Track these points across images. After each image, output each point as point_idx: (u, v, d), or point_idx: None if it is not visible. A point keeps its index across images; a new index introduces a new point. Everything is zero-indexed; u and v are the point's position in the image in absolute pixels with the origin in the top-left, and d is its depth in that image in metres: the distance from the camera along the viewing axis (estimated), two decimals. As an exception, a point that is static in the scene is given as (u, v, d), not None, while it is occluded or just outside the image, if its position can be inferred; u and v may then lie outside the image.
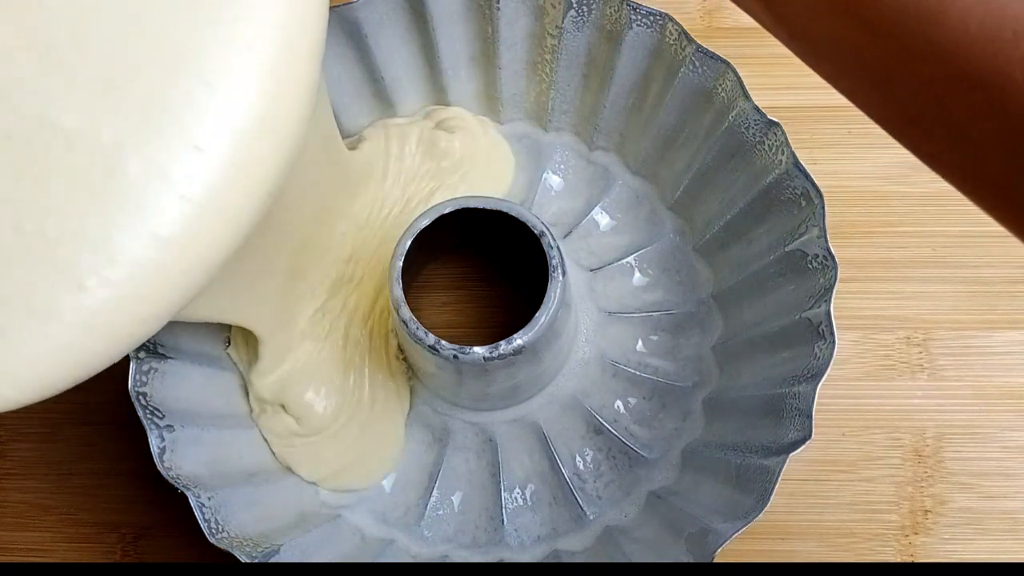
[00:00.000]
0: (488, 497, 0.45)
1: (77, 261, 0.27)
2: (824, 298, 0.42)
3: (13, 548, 0.46)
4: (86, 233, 0.27)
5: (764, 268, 0.45)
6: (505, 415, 0.45)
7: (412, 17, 0.46)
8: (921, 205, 0.48)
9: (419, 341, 0.41)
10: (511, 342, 0.41)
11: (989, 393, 0.46)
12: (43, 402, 0.47)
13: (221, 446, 0.43)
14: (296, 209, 0.40)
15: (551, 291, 0.41)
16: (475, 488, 0.45)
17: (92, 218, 0.27)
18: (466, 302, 0.48)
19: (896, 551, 0.45)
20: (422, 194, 0.46)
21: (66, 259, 0.27)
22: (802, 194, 0.43)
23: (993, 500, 0.45)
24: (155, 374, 0.42)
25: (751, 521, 0.38)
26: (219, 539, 0.39)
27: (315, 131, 0.32)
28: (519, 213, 0.42)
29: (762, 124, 0.44)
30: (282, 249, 0.40)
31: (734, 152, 0.45)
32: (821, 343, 0.41)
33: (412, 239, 0.42)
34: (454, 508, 0.45)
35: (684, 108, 0.46)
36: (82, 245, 0.27)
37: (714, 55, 0.44)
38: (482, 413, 0.45)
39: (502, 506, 0.45)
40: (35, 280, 0.27)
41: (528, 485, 0.45)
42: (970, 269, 0.47)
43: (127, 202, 0.27)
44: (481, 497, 0.45)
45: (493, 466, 0.45)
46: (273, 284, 0.41)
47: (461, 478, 0.45)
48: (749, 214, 0.45)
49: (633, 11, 0.45)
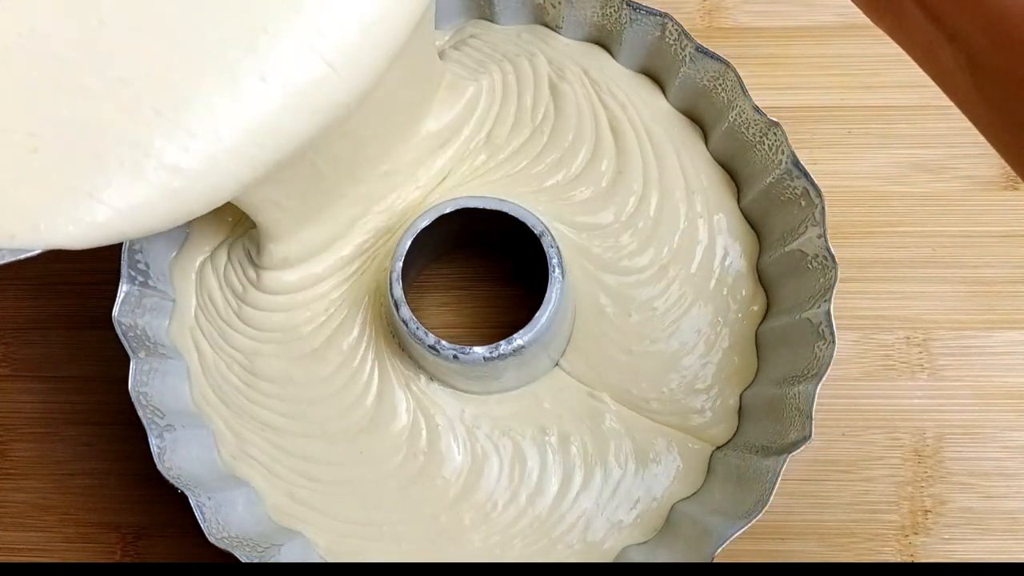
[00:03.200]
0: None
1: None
2: (824, 298, 0.42)
3: (13, 548, 0.46)
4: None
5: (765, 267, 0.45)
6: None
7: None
8: (921, 205, 0.48)
9: (419, 341, 0.41)
10: (511, 342, 0.41)
11: (989, 393, 0.46)
12: (43, 402, 0.47)
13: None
14: (379, 107, 0.40)
15: (551, 291, 0.41)
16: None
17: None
18: (466, 302, 0.48)
19: (896, 551, 0.45)
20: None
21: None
22: (802, 194, 0.43)
23: (993, 500, 0.45)
24: (155, 374, 0.42)
25: (751, 521, 0.38)
26: (219, 539, 0.39)
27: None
28: (519, 213, 0.42)
29: (762, 124, 0.44)
30: (357, 156, 0.41)
31: (734, 152, 0.45)
32: (821, 343, 0.41)
33: (412, 239, 0.42)
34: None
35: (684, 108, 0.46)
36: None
37: (714, 55, 0.44)
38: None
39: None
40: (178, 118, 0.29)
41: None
42: (970, 269, 0.47)
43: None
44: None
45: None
46: (328, 188, 0.41)
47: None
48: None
49: (633, 10, 0.45)
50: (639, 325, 0.44)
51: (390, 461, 0.43)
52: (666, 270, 0.44)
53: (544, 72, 0.46)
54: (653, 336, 0.44)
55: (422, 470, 0.43)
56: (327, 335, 0.44)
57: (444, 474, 0.43)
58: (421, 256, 0.44)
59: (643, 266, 0.44)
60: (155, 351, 0.43)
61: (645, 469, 0.43)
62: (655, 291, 0.44)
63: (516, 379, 0.44)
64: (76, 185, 0.28)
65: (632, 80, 0.47)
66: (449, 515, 0.43)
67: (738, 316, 0.44)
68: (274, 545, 0.41)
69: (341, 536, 0.43)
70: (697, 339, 0.44)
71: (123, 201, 0.29)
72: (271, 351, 0.44)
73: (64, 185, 0.28)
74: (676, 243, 0.45)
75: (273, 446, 0.43)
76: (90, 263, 0.48)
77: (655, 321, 0.44)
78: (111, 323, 0.41)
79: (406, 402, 0.44)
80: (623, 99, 0.46)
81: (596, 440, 0.43)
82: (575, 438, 0.43)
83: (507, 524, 0.43)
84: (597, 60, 0.47)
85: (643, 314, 0.44)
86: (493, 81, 0.45)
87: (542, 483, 0.43)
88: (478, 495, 0.43)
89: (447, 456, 0.43)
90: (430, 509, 0.43)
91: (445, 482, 0.43)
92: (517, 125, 0.45)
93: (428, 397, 0.44)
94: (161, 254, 0.45)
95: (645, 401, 0.43)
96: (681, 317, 0.44)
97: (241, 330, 0.44)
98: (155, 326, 0.44)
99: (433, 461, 0.43)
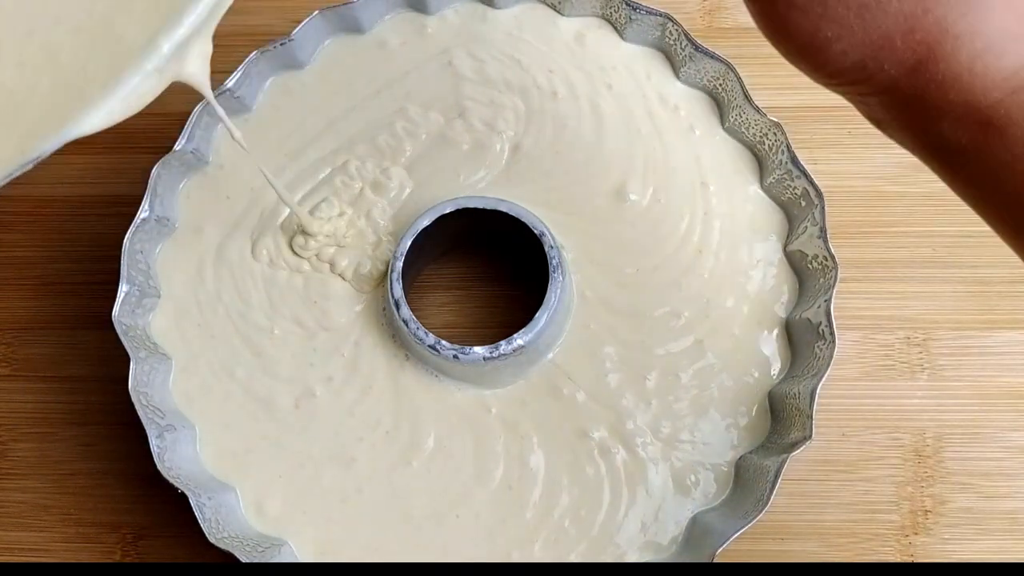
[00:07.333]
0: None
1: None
2: (824, 298, 0.42)
3: (13, 548, 0.46)
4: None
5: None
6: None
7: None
8: (921, 205, 0.48)
9: (419, 341, 0.41)
10: (511, 342, 0.41)
11: (989, 393, 0.46)
12: (43, 402, 0.47)
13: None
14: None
15: (551, 291, 0.41)
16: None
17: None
18: (466, 302, 0.48)
19: (896, 551, 0.45)
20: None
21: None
22: (802, 194, 0.43)
23: (993, 500, 0.45)
24: (155, 374, 0.43)
25: (751, 521, 0.39)
26: (219, 539, 0.39)
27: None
28: (519, 213, 0.42)
29: (762, 124, 0.44)
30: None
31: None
32: (821, 343, 0.41)
33: (412, 239, 0.42)
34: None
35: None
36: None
37: (714, 55, 0.44)
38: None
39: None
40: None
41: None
42: (970, 269, 0.47)
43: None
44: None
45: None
46: None
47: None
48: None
49: (634, 10, 0.45)
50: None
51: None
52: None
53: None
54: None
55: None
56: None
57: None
58: (421, 256, 0.44)
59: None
60: (155, 351, 0.43)
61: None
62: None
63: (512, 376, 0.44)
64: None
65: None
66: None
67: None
68: (274, 545, 0.41)
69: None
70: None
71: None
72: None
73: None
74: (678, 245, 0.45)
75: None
76: (90, 263, 0.48)
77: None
78: (111, 323, 0.41)
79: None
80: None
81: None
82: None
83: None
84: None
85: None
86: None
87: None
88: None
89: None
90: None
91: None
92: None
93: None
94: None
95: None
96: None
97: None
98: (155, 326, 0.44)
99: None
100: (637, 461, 0.42)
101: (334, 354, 0.44)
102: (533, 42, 0.47)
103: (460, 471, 0.43)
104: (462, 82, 0.47)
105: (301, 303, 0.44)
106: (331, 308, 0.44)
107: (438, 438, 0.43)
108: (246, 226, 0.45)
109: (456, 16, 0.48)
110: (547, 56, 0.47)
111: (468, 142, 0.46)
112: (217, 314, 0.44)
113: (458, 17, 0.48)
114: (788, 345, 0.43)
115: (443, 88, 0.47)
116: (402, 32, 0.48)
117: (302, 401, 0.43)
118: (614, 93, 0.46)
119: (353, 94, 0.47)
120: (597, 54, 0.47)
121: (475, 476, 0.42)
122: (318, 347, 0.44)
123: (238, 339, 0.44)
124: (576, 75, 0.47)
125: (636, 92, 0.46)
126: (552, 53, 0.47)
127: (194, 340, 0.44)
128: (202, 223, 0.45)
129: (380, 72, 0.47)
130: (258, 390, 0.44)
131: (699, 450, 0.42)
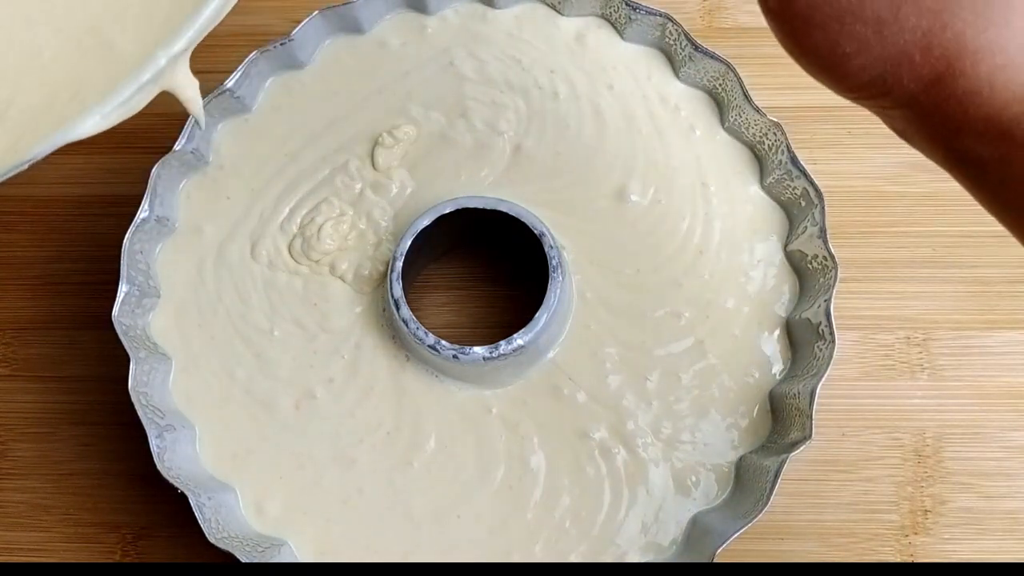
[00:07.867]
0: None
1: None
2: (824, 298, 0.42)
3: (13, 548, 0.46)
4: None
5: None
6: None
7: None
8: (921, 205, 0.48)
9: (419, 341, 0.41)
10: (511, 342, 0.41)
11: (989, 393, 0.46)
12: (43, 402, 0.47)
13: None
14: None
15: (551, 291, 0.41)
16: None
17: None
18: (466, 302, 0.48)
19: (896, 551, 0.45)
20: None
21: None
22: (802, 194, 0.43)
23: (993, 500, 0.45)
24: (155, 374, 0.43)
25: (751, 521, 0.39)
26: (219, 539, 0.39)
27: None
28: (519, 213, 0.42)
29: (762, 124, 0.44)
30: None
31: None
32: (821, 343, 0.41)
33: (412, 239, 0.42)
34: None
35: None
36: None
37: (714, 55, 0.44)
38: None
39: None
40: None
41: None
42: (970, 269, 0.47)
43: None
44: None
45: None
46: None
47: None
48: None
49: (633, 10, 0.45)
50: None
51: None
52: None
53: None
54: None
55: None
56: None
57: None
58: (421, 256, 0.44)
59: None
60: (155, 351, 0.43)
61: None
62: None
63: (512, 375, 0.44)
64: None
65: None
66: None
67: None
68: (274, 545, 0.41)
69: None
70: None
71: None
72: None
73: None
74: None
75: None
76: (90, 263, 0.48)
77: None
78: (111, 323, 0.41)
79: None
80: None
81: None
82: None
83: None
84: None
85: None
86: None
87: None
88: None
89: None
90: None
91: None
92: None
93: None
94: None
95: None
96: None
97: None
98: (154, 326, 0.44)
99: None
100: (638, 461, 0.42)
101: (334, 356, 0.44)
102: (533, 42, 0.47)
103: (461, 471, 0.43)
104: (464, 82, 0.47)
105: (301, 305, 0.44)
106: (331, 310, 0.44)
107: (439, 439, 0.43)
108: (246, 227, 0.45)
109: (456, 16, 0.48)
110: (548, 56, 0.47)
111: (470, 142, 0.46)
112: (217, 315, 0.44)
113: (458, 17, 0.48)
114: (788, 345, 0.43)
115: (445, 88, 0.47)
116: (402, 32, 0.48)
117: (302, 402, 0.43)
118: (615, 93, 0.46)
119: (353, 94, 0.47)
120: (598, 54, 0.47)
121: (476, 476, 0.43)
122: (318, 349, 0.44)
123: (238, 340, 0.44)
124: (577, 75, 0.47)
125: (637, 92, 0.46)
126: (553, 53, 0.47)
127: (194, 340, 0.44)
128: (202, 223, 0.45)
129: (380, 72, 0.47)
130: (258, 391, 0.44)
131: (700, 450, 0.42)
